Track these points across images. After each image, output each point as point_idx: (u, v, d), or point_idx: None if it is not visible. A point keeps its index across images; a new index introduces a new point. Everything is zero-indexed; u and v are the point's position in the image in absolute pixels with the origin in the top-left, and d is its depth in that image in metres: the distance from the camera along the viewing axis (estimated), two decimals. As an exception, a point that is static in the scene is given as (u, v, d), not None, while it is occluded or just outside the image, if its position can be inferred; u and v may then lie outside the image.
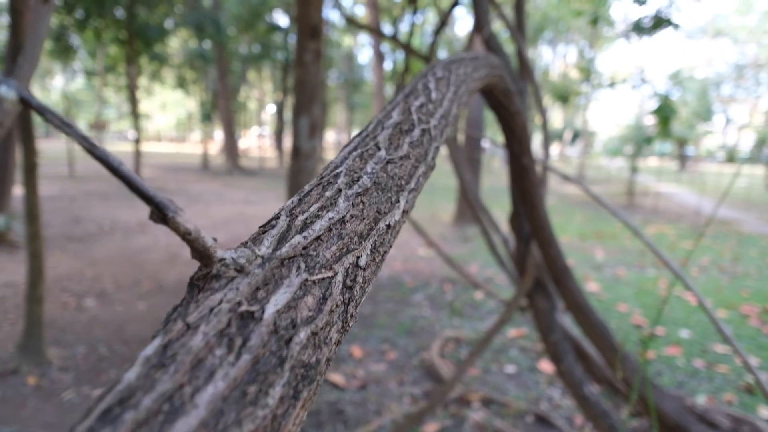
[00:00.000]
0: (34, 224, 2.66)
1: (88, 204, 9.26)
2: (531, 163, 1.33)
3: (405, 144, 0.38)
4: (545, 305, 1.46)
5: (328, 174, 0.33)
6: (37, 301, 2.75)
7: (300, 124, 2.42)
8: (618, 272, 5.65)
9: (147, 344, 0.24)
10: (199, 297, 0.24)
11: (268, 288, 0.25)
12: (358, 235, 0.30)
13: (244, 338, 0.22)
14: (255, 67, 22.16)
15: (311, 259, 0.27)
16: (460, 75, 0.55)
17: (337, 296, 0.27)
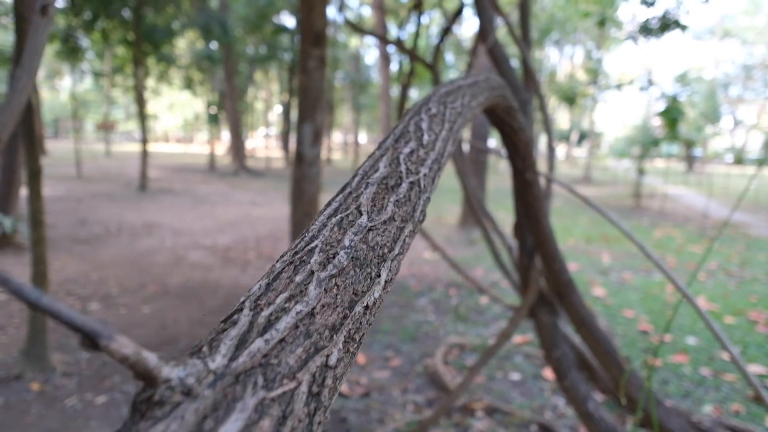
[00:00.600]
0: (38, 229, 2.67)
1: (95, 205, 9.32)
2: (535, 178, 1.31)
3: (390, 204, 0.35)
4: (549, 320, 1.44)
5: (302, 249, 0.30)
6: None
7: (303, 130, 2.41)
8: (624, 276, 5.60)
9: None
10: (139, 427, 0.21)
11: (218, 414, 0.21)
12: (329, 329, 0.27)
13: None
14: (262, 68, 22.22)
15: (271, 370, 0.24)
16: (456, 108, 0.53)
17: (300, 411, 0.24)
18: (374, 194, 0.36)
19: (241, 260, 5.76)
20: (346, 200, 0.35)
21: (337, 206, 0.35)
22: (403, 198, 0.36)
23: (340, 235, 0.31)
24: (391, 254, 0.32)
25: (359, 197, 0.35)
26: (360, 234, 0.31)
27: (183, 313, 3.96)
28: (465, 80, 0.64)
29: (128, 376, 2.90)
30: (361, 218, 0.33)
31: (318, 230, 0.31)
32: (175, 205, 9.91)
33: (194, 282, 4.82)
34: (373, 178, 0.38)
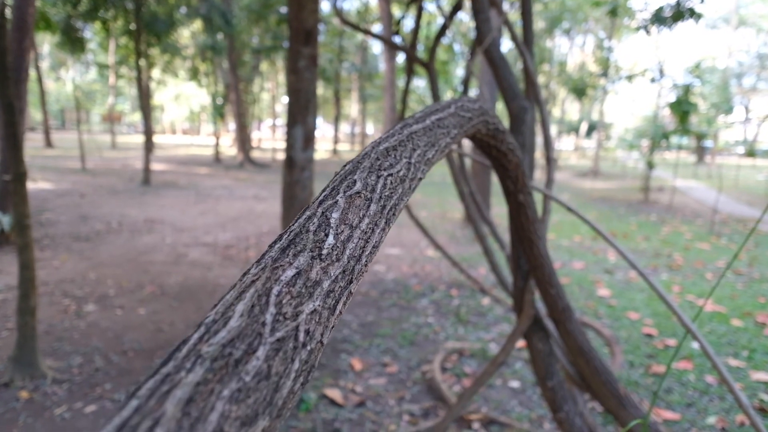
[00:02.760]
0: (24, 234, 2.60)
1: (98, 200, 9.30)
2: (527, 199, 1.21)
3: (218, 406, 0.21)
4: (543, 348, 1.35)
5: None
6: (30, 313, 2.71)
7: (294, 134, 2.31)
8: (630, 276, 5.48)
9: None
10: None
11: None
12: None
13: None
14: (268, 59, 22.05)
15: None
16: (398, 172, 0.41)
17: None
18: (196, 388, 0.21)
19: (241, 258, 5.71)
20: (145, 406, 0.21)
21: (123, 422, 0.21)
22: (251, 381, 0.22)
23: None
24: None
25: (166, 399, 0.21)
26: None
27: (179, 315, 3.91)
28: (424, 120, 0.53)
29: (120, 383, 2.85)
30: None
31: None
32: (177, 200, 9.87)
33: (193, 282, 4.77)
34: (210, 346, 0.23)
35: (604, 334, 3.71)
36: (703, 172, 22.31)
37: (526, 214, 1.22)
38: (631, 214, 10.42)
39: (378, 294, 4.65)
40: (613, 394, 1.28)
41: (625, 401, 1.28)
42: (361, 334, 3.71)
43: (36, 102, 26.32)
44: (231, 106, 19.15)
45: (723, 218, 9.74)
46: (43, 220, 7.18)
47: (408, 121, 0.53)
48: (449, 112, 0.61)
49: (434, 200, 11.55)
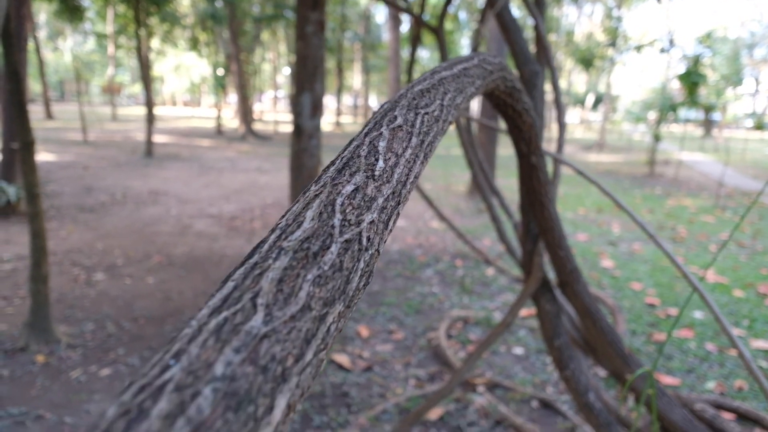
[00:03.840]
0: (34, 203, 2.63)
1: (101, 172, 9.31)
2: (540, 162, 1.22)
3: (306, 285, 0.25)
4: (551, 308, 1.37)
5: (147, 385, 0.19)
6: (43, 280, 2.75)
7: (302, 101, 2.30)
8: (634, 247, 5.51)
9: None
10: None
11: None
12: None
13: None
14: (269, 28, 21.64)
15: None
16: (432, 113, 0.44)
17: None
18: (285, 270, 0.25)
19: (246, 229, 5.75)
20: (245, 281, 0.25)
21: (228, 293, 0.24)
22: (328, 270, 0.26)
23: (215, 354, 0.20)
24: (297, 367, 0.22)
25: (261, 278, 0.25)
26: (244, 351, 0.21)
27: (187, 284, 3.97)
28: (451, 68, 0.54)
29: (133, 348, 2.92)
30: (252, 320, 0.22)
31: (187, 342, 0.21)
32: (181, 172, 9.87)
33: (199, 252, 4.82)
34: (291, 240, 0.28)
35: (607, 304, 3.76)
36: (710, 146, 22.09)
37: (538, 176, 1.23)
38: (636, 187, 10.39)
39: (383, 264, 4.70)
40: (617, 354, 1.31)
41: (629, 360, 1.31)
42: (368, 303, 3.76)
43: (35, 73, 26.02)
44: (232, 77, 18.91)
45: (729, 192, 9.70)
46: (48, 191, 7.21)
47: (437, 69, 0.54)
48: (473, 63, 0.62)
49: (438, 173, 11.51)
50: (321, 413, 2.40)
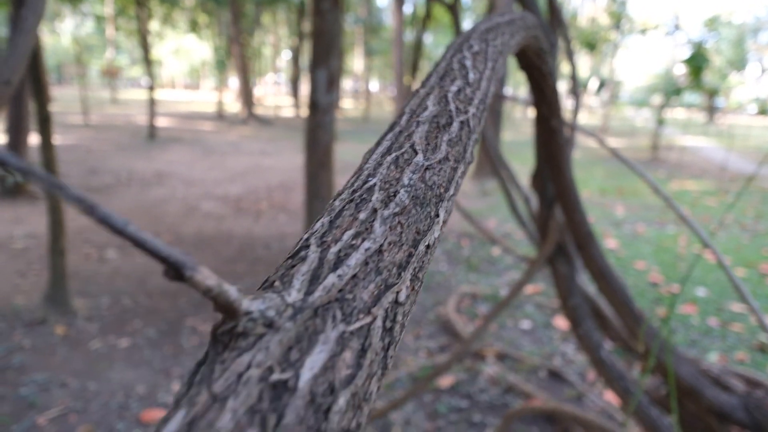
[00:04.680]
0: (50, 168, 2.67)
1: (105, 154, 9.33)
2: (559, 126, 1.26)
3: (443, 143, 0.35)
4: (566, 270, 1.43)
5: (360, 187, 0.30)
6: (60, 253, 2.81)
7: (317, 76, 2.33)
8: (637, 229, 5.56)
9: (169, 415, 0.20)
10: (224, 357, 0.21)
11: (302, 346, 0.22)
12: (396, 266, 0.28)
13: (279, 415, 0.19)
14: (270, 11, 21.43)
15: (347, 305, 0.25)
16: (497, 46, 0.50)
17: (377, 344, 0.25)
18: (427, 133, 0.34)
19: (253, 210, 5.80)
20: (398, 138, 0.35)
21: (390, 144, 0.35)
22: (455, 137, 0.35)
23: (398, 173, 0.31)
24: (447, 194, 0.31)
25: (412, 135, 0.34)
26: (418, 173, 0.31)
27: (198, 261, 4.03)
28: (502, 17, 0.59)
29: (149, 321, 2.99)
30: (417, 157, 0.32)
31: (374, 168, 0.31)
32: (184, 155, 9.89)
33: (208, 231, 4.87)
34: (423, 117, 0.36)
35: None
36: (714, 132, 22.03)
37: (557, 140, 1.27)
38: (639, 171, 10.41)
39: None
40: (630, 313, 1.37)
41: (640, 318, 1.37)
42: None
43: (34, 56, 25.75)
44: (234, 60, 18.78)
45: (732, 176, 9.73)
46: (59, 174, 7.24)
47: (491, 17, 0.59)
48: (518, 17, 0.67)
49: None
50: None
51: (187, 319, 3.04)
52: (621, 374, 1.33)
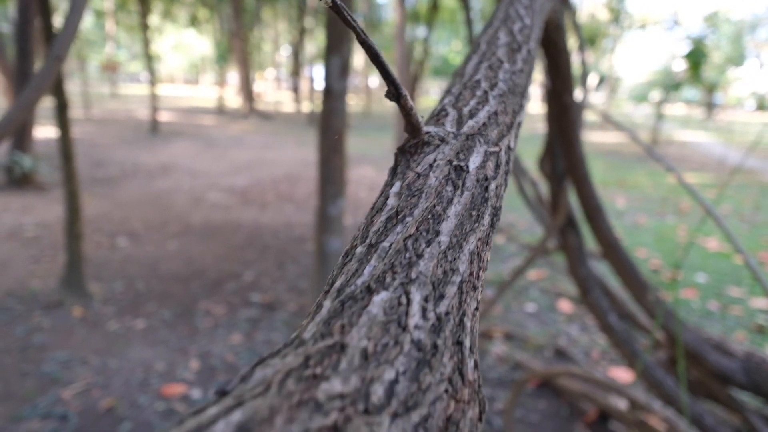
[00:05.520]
0: (69, 163, 2.74)
1: (109, 148, 9.38)
2: (571, 101, 1.33)
3: (519, 60, 0.46)
4: (576, 241, 1.50)
5: (469, 79, 0.43)
6: (77, 237, 2.88)
7: (331, 63, 2.40)
8: (638, 220, 5.65)
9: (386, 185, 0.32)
10: (415, 157, 0.34)
11: (464, 154, 0.35)
12: (506, 125, 0.40)
13: (462, 181, 0.33)
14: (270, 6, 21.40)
15: (485, 138, 0.38)
16: (540, 4, 0.57)
17: (503, 165, 0.38)
18: (507, 53, 0.46)
19: (259, 201, 5.86)
20: (485, 55, 0.46)
21: (479, 59, 0.45)
22: (526, 58, 0.43)
23: (494, 74, 0.43)
24: (527, 93, 0.40)
25: (496, 53, 0.46)
26: (507, 74, 0.44)
27: (207, 249, 4.10)
28: None
29: (163, 304, 3.06)
30: (504, 65, 0.45)
31: (474, 70, 0.43)
32: (188, 148, 9.94)
33: (215, 221, 4.94)
34: (500, 43, 0.46)
35: (613, 268, 3.91)
36: (713, 127, 22.12)
37: (569, 116, 1.34)
38: (639, 164, 10.50)
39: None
40: (638, 281, 1.45)
41: (647, 287, 1.44)
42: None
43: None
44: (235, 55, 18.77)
45: (730, 170, 9.81)
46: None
47: None
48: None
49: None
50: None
51: (201, 302, 3.12)
52: (628, 339, 1.40)
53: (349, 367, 0.22)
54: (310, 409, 0.19)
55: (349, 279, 0.28)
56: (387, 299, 0.25)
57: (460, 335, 0.26)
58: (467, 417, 0.24)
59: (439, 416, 0.23)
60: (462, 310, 0.27)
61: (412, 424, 0.21)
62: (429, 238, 0.30)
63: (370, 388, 0.21)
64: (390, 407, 0.21)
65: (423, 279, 0.27)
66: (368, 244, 0.30)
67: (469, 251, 0.30)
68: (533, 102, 20.39)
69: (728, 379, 1.47)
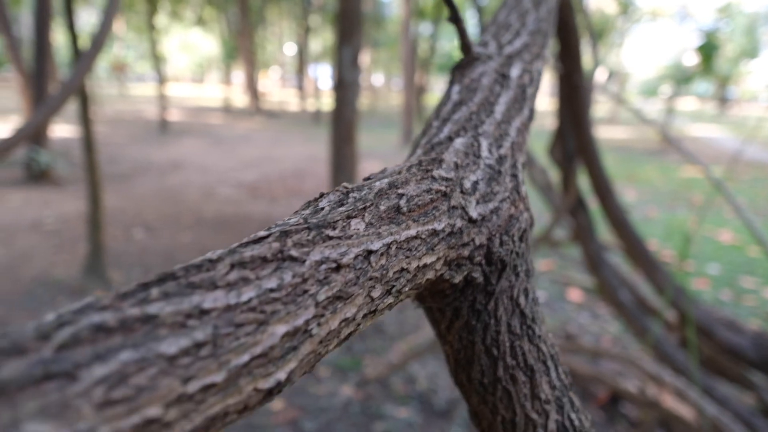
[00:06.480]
0: (91, 155, 2.81)
1: (120, 146, 9.51)
2: (581, 82, 1.36)
3: (543, 10, 0.59)
4: (585, 220, 1.53)
5: (503, 21, 0.54)
6: (98, 226, 2.96)
7: (343, 53, 2.44)
8: (649, 213, 5.64)
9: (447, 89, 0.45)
10: (467, 72, 0.41)
11: (507, 66, 0.46)
12: (536, 54, 0.51)
13: (507, 84, 0.43)
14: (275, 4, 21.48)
15: (522, 57, 0.48)
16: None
17: (536, 80, 0.48)
18: (532, 4, 0.59)
19: (268, 195, 5.93)
20: (515, 6, 0.58)
21: (508, 11, 0.56)
22: (550, 8, 0.51)
23: (522, 19, 0.56)
24: (550, 34, 0.47)
25: (521, 3, 0.58)
26: (534, 19, 0.56)
27: (221, 240, 4.17)
28: None
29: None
30: (530, 13, 0.57)
31: (507, 16, 0.56)
32: (197, 146, 10.05)
33: (227, 214, 5.02)
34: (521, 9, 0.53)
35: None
36: (726, 122, 21.87)
37: (578, 96, 1.37)
38: (650, 158, 10.45)
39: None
40: (648, 260, 1.48)
41: (657, 265, 1.48)
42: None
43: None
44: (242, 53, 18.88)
45: (744, 164, 9.74)
46: (75, 161, 7.42)
47: None
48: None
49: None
50: (361, 340, 2.61)
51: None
52: (638, 314, 1.44)
53: (448, 168, 0.35)
54: (429, 180, 0.34)
55: (432, 137, 0.37)
56: (464, 142, 0.38)
57: (515, 171, 0.38)
58: (523, 217, 0.38)
59: (504, 211, 0.37)
60: (515, 157, 0.36)
61: (488, 209, 0.36)
62: (487, 113, 0.41)
63: (462, 181, 0.35)
64: (475, 195, 0.35)
65: (487, 134, 0.38)
66: (442, 119, 0.43)
67: (516, 126, 0.42)
68: (541, 98, 20.27)
69: (739, 355, 1.50)
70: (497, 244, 0.35)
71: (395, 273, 0.29)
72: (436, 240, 0.32)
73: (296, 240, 0.27)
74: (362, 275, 0.27)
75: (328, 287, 0.26)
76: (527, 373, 0.38)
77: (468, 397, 0.42)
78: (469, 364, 0.38)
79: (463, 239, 0.34)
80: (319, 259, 0.26)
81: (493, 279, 0.36)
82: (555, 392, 0.39)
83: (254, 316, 0.24)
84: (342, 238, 0.28)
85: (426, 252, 0.31)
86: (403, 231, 0.30)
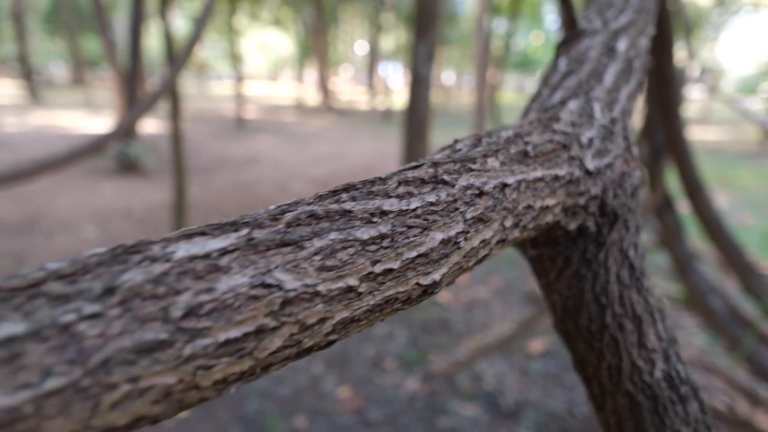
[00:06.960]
0: (178, 149, 3.04)
1: (199, 142, 10.14)
2: (672, 74, 1.28)
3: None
4: (673, 222, 1.44)
5: (605, 3, 0.54)
6: (182, 214, 3.20)
7: (419, 49, 2.46)
8: (743, 220, 5.17)
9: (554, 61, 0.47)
10: (572, 45, 0.42)
11: (613, 41, 0.47)
12: (640, 31, 0.53)
13: (614, 56, 0.45)
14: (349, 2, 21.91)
15: (627, 34, 0.50)
16: None
17: (642, 54, 0.50)
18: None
19: (337, 190, 6.09)
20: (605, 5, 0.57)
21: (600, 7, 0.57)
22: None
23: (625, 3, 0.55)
24: (652, 16, 0.52)
25: None
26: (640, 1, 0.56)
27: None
28: None
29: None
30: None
31: None
32: (271, 142, 10.50)
33: (298, 207, 5.21)
34: None
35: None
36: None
37: (669, 89, 1.29)
38: (746, 162, 9.56)
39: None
40: (744, 265, 1.37)
41: (755, 271, 1.36)
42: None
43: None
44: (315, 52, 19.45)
45: None
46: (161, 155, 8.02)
47: None
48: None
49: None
50: (428, 334, 2.62)
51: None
52: (729, 322, 1.33)
53: (566, 123, 0.38)
54: (550, 132, 0.37)
55: (544, 101, 0.39)
56: (577, 105, 0.39)
57: (626, 133, 0.37)
58: (635, 174, 0.41)
59: (618, 167, 0.39)
60: (626, 121, 0.35)
61: (603, 163, 0.38)
62: (596, 81, 0.42)
63: (579, 136, 0.37)
64: (591, 149, 0.38)
65: (598, 98, 0.38)
66: (551, 87, 0.43)
67: (625, 94, 0.39)
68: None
69: None
70: (611, 196, 0.38)
71: (524, 208, 0.34)
72: (557, 185, 0.36)
73: (446, 169, 0.32)
74: (498, 204, 0.32)
75: (473, 209, 0.32)
76: (635, 322, 0.40)
77: (574, 344, 0.44)
78: (578, 311, 0.41)
79: (580, 188, 0.37)
80: (465, 185, 0.32)
81: (604, 230, 0.39)
82: (662, 343, 0.41)
83: (420, 221, 0.29)
84: (482, 171, 0.33)
85: (548, 194, 0.36)
86: (531, 172, 0.35)
